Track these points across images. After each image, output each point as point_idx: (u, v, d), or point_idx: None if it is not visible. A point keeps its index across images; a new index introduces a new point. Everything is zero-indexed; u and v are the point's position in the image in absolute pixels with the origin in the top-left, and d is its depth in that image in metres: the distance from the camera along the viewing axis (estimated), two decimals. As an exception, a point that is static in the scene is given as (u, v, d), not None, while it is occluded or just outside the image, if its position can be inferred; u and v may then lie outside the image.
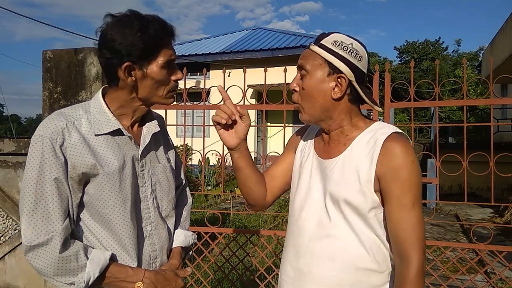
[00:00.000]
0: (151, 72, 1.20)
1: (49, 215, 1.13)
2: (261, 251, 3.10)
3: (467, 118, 15.95)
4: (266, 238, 3.21)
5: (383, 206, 1.17)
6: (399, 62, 35.52)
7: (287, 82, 3.09)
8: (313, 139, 1.37)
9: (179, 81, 1.30)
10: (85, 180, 1.19)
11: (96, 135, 1.21)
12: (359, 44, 1.20)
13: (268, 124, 14.76)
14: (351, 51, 1.18)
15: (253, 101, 13.62)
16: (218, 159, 10.22)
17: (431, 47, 33.91)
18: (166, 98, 1.27)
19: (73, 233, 1.22)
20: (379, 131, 1.19)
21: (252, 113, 13.51)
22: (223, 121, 1.25)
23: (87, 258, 1.15)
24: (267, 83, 3.08)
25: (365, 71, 1.22)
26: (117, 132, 1.24)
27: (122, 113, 1.27)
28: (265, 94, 3.02)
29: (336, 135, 1.26)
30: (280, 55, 13.50)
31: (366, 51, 1.23)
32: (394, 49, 37.27)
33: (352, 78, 1.17)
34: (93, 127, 1.21)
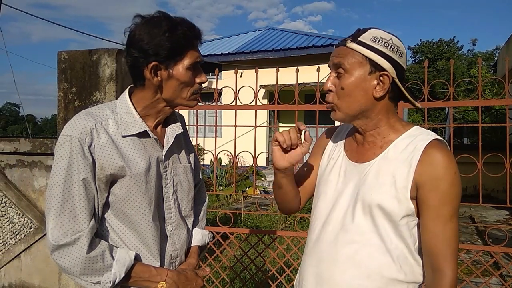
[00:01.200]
0: (177, 73, 1.21)
1: (76, 215, 1.14)
2: (272, 252, 3.10)
3: (482, 119, 15.64)
4: (277, 238, 3.21)
5: (417, 215, 1.13)
6: (413, 62, 35.14)
7: (299, 82, 3.09)
8: (344, 141, 1.31)
9: (202, 85, 1.30)
10: (111, 180, 1.21)
11: (123, 136, 1.22)
12: (398, 39, 1.15)
13: (280, 124, 14.75)
14: (392, 46, 1.12)
15: (265, 102, 13.62)
16: (230, 159, 10.25)
17: (446, 47, 33.49)
18: (189, 100, 1.28)
19: (97, 232, 1.24)
20: (419, 136, 1.14)
21: (264, 114, 13.52)
22: (284, 145, 1.20)
23: (113, 259, 1.16)
24: (279, 83, 3.08)
25: (405, 67, 1.17)
26: (143, 134, 1.25)
27: (147, 114, 1.28)
28: (277, 95, 3.01)
29: (371, 136, 1.20)
30: (292, 55, 13.48)
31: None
32: (408, 48, 36.91)
33: (395, 75, 1.12)
34: (120, 128, 1.22)
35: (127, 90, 1.30)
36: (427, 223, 1.09)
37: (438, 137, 1.14)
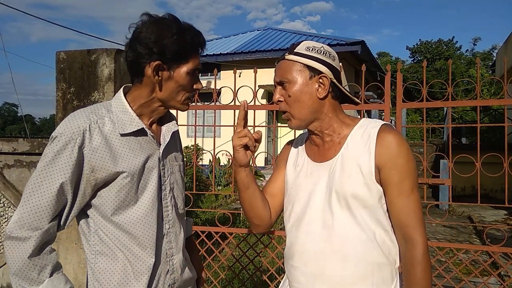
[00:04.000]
0: (178, 75, 1.23)
1: (38, 212, 1.14)
2: (271, 252, 3.10)
3: (480, 119, 15.74)
4: (276, 238, 3.21)
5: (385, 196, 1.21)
6: (412, 62, 35.20)
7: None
8: (304, 148, 1.40)
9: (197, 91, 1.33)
10: (102, 183, 1.20)
11: (121, 135, 1.22)
12: (328, 47, 1.29)
13: (279, 124, 14.74)
14: (324, 52, 1.26)
15: (263, 101, 13.62)
16: (229, 159, 10.26)
17: (445, 47, 33.55)
18: (182, 104, 1.30)
19: (85, 233, 1.24)
20: (370, 125, 1.25)
21: (262, 114, 13.52)
22: (250, 143, 1.27)
23: (50, 277, 1.15)
24: (277, 83, 3.07)
25: (339, 70, 1.30)
26: (140, 132, 1.26)
27: (142, 112, 1.28)
28: (275, 95, 3.01)
29: (328, 135, 1.29)
30: (291, 55, 13.46)
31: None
32: (407, 49, 36.95)
33: (332, 76, 1.25)
34: (116, 127, 1.22)
35: (121, 90, 1.30)
36: (393, 199, 1.19)
37: (386, 122, 1.27)
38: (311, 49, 1.26)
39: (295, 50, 1.27)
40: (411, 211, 1.18)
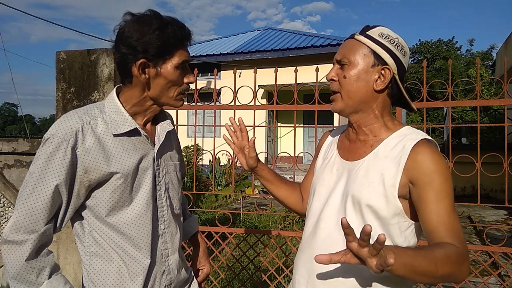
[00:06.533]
0: (165, 71, 1.21)
1: (34, 215, 1.13)
2: (271, 251, 3.10)
3: (480, 119, 15.74)
4: (276, 238, 3.20)
5: (411, 218, 1.13)
6: (412, 62, 35.16)
7: (297, 82, 3.09)
8: (337, 140, 1.35)
9: (190, 86, 1.31)
10: (96, 183, 1.20)
11: (114, 135, 1.21)
12: (403, 40, 1.20)
13: (279, 124, 14.75)
14: (397, 45, 1.17)
15: (263, 101, 13.61)
16: (229, 159, 10.27)
17: (444, 47, 33.53)
18: (176, 100, 1.28)
19: (78, 234, 1.24)
20: (408, 136, 1.16)
21: (262, 114, 13.51)
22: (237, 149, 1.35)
23: (48, 278, 1.15)
24: (277, 83, 3.08)
25: (406, 68, 1.21)
26: (133, 132, 1.25)
27: (136, 112, 1.27)
28: (275, 95, 3.01)
29: (364, 134, 1.23)
30: (291, 55, 13.48)
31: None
32: (406, 49, 36.86)
33: (396, 72, 1.17)
34: (109, 127, 1.21)
35: (114, 90, 1.29)
36: (431, 217, 1.07)
37: (428, 137, 1.16)
38: (384, 36, 1.17)
39: (367, 32, 1.18)
40: (456, 229, 1.06)
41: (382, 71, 1.16)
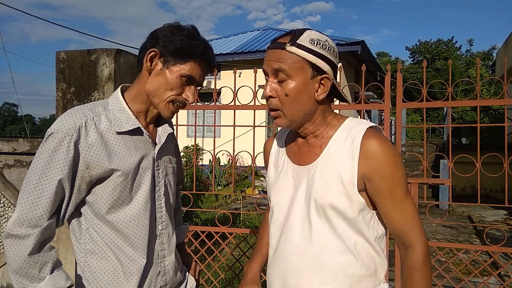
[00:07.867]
0: (170, 72, 1.21)
1: (38, 209, 1.13)
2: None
3: (480, 119, 15.74)
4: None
5: (372, 208, 1.15)
6: (412, 62, 35.20)
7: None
8: (284, 147, 1.30)
9: (186, 102, 1.27)
10: (96, 179, 1.20)
11: (117, 133, 1.22)
12: (331, 40, 1.15)
13: (279, 124, 14.70)
14: (329, 48, 1.12)
15: (263, 102, 13.58)
16: (229, 159, 10.26)
17: (444, 47, 33.55)
18: (166, 107, 1.25)
19: (75, 231, 1.25)
20: (354, 128, 1.14)
21: (262, 114, 13.51)
22: None
23: (50, 274, 1.15)
24: (277, 83, 3.07)
25: (338, 66, 1.18)
26: (136, 131, 1.25)
27: (139, 110, 1.28)
28: (275, 95, 3.00)
29: (311, 138, 1.20)
30: (291, 55, 13.45)
31: None
32: (406, 49, 36.99)
33: (333, 77, 1.13)
34: (113, 125, 1.22)
35: (119, 88, 1.30)
36: (387, 210, 1.12)
37: (371, 124, 1.16)
38: (316, 42, 1.09)
39: (298, 42, 1.09)
40: (409, 218, 1.12)
41: (322, 81, 1.12)
